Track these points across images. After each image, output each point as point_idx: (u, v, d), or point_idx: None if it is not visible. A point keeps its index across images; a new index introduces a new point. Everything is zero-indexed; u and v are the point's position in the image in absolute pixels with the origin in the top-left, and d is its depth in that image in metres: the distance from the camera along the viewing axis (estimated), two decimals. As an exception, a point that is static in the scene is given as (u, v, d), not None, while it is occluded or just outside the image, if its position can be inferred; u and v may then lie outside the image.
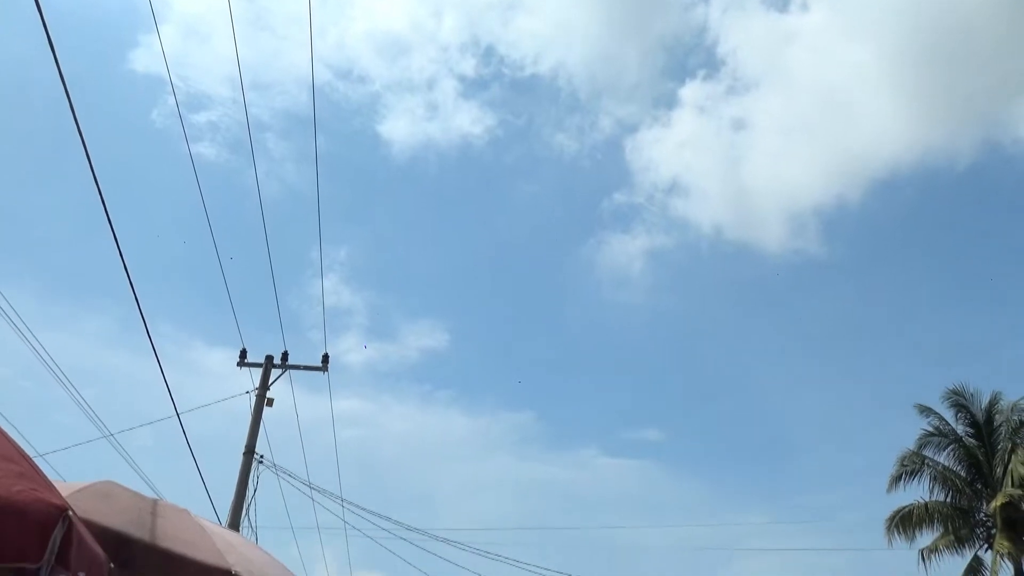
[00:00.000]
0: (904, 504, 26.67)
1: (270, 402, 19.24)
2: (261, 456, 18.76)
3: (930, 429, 26.86)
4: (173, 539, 5.10)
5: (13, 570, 3.15)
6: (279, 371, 19.58)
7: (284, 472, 21.69)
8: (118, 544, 4.64)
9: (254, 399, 19.17)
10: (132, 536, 4.85)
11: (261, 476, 18.86)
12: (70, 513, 3.18)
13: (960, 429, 26.62)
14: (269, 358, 19.55)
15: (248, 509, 18.21)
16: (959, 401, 26.53)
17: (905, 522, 26.26)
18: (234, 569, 5.04)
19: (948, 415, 26.72)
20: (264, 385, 19.18)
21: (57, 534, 3.05)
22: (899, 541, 26.42)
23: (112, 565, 4.23)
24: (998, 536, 23.92)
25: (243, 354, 19.58)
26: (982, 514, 26.05)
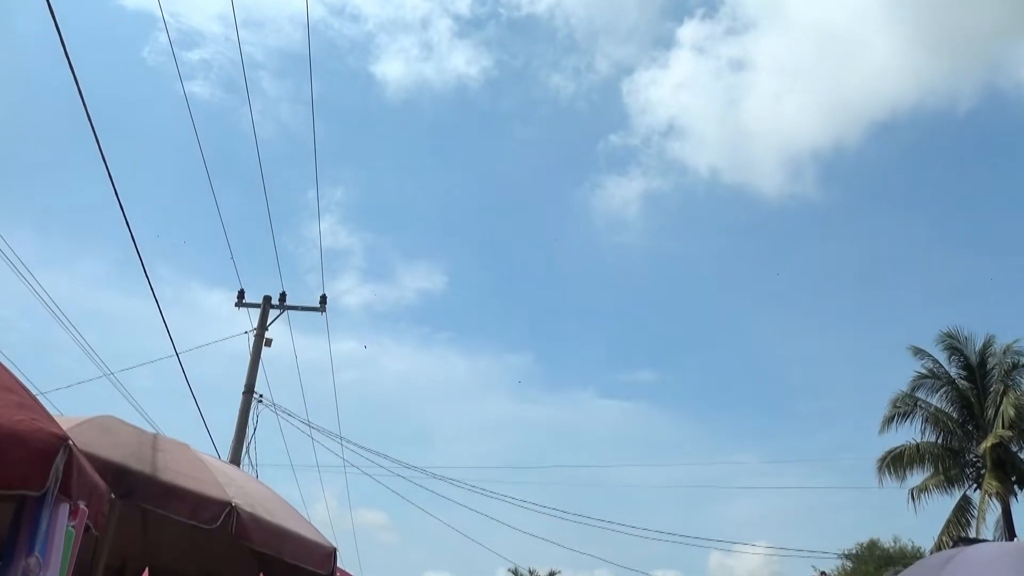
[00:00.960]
0: (896, 445, 27.05)
1: (268, 342, 19.33)
2: (260, 395, 18.92)
3: (923, 371, 27.10)
4: (174, 472, 5.13)
5: (16, 498, 3.18)
6: (277, 312, 19.64)
7: (283, 411, 21.89)
8: (118, 476, 4.67)
9: (252, 339, 19.25)
10: (132, 468, 4.88)
11: (261, 415, 19.05)
12: (70, 443, 3.20)
13: (953, 371, 26.85)
14: (267, 298, 19.58)
15: (248, 447, 18.42)
16: (953, 344, 26.71)
17: (896, 462, 26.64)
18: (234, 501, 5.08)
19: (942, 358, 26.95)
20: (262, 325, 19.24)
21: (59, 463, 3.07)
22: (890, 481, 26.86)
23: (113, 496, 4.27)
24: (987, 476, 24.30)
25: (241, 295, 19.61)
26: (972, 455, 26.42)
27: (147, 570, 7.49)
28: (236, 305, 19.68)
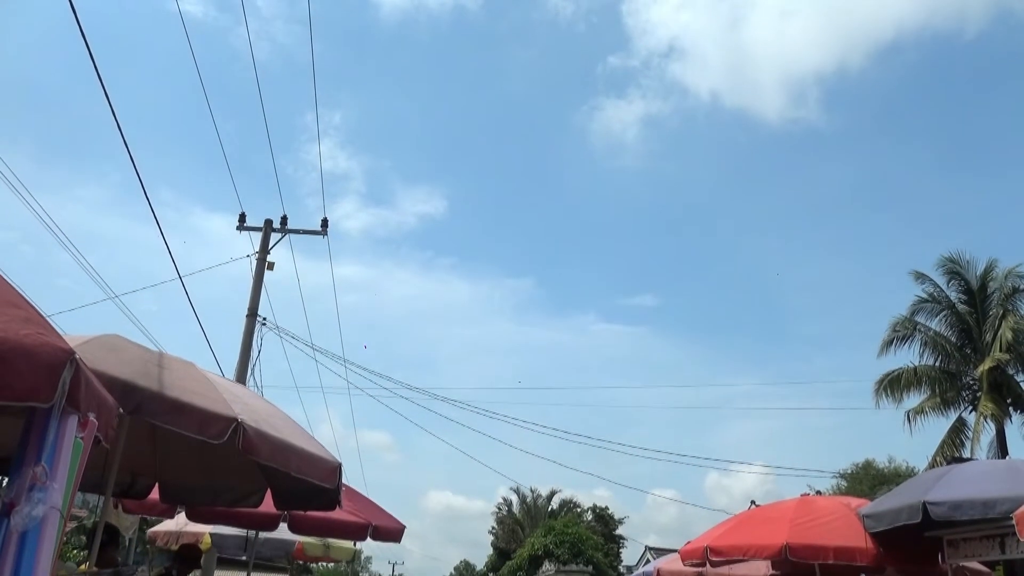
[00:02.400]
0: (894, 368, 27.33)
1: (271, 266, 19.37)
2: (264, 318, 19.06)
3: (924, 296, 27.18)
4: (180, 389, 5.20)
5: (26, 411, 3.24)
6: (279, 235, 19.63)
7: (287, 334, 22.08)
8: (126, 392, 4.73)
9: (255, 263, 19.29)
10: (139, 385, 4.94)
11: (265, 339, 19.24)
12: (77, 357, 3.24)
13: (953, 296, 26.93)
14: (268, 222, 19.55)
15: (253, 370, 18.63)
16: (954, 268, 26.72)
17: (894, 385, 26.94)
18: (240, 417, 5.17)
19: (942, 282, 27.00)
20: (264, 249, 19.25)
21: (66, 375, 3.12)
22: (887, 403, 27.22)
23: (121, 411, 4.35)
24: (983, 398, 24.60)
25: (242, 218, 19.58)
26: (969, 378, 26.70)
27: (157, 485, 7.68)
28: (238, 228, 19.67)
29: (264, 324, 19.03)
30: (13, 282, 3.76)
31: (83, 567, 6.90)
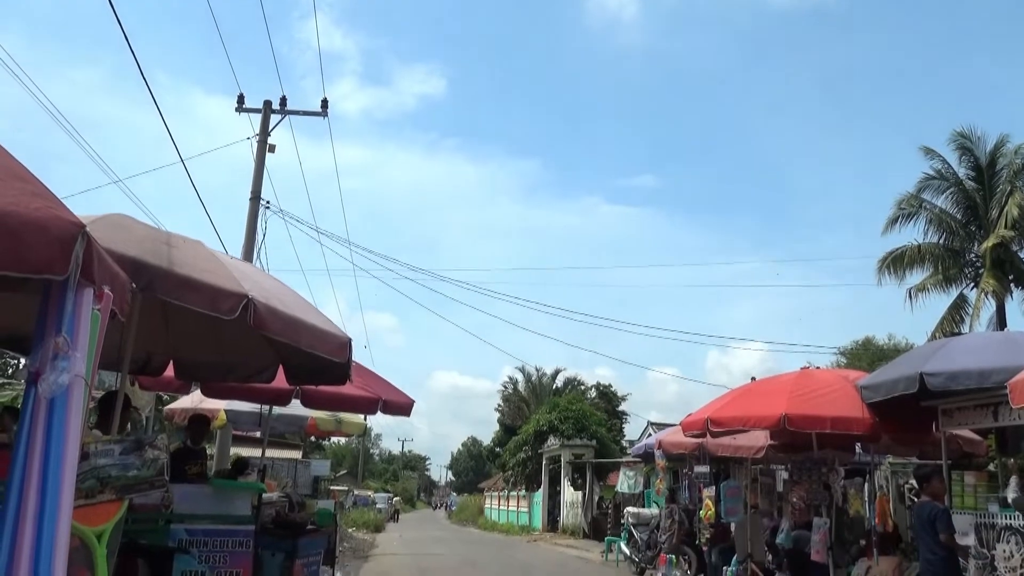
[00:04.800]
0: (898, 246, 27.37)
1: (272, 148, 19.19)
2: (267, 202, 19.01)
3: (931, 172, 26.94)
4: (190, 266, 5.25)
5: (41, 286, 3.29)
6: (278, 117, 19.37)
7: (291, 217, 22.08)
8: (136, 269, 4.77)
9: (256, 145, 19.11)
10: (149, 263, 4.99)
11: (269, 224, 19.24)
12: (88, 230, 3.26)
13: (962, 172, 26.69)
14: (267, 103, 19.26)
15: (258, 254, 18.72)
16: (964, 144, 26.37)
17: (897, 263, 27.06)
18: (250, 293, 5.23)
19: (952, 158, 26.73)
20: (264, 131, 19.03)
21: (78, 249, 3.14)
22: (889, 281, 27.40)
23: (133, 286, 4.40)
24: (985, 275, 24.74)
25: (240, 99, 19.27)
26: (972, 255, 26.77)
27: (171, 362, 7.86)
28: (236, 110, 19.39)
29: (268, 208, 19.01)
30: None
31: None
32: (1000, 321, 24.85)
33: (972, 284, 26.63)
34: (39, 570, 2.93)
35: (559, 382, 51.16)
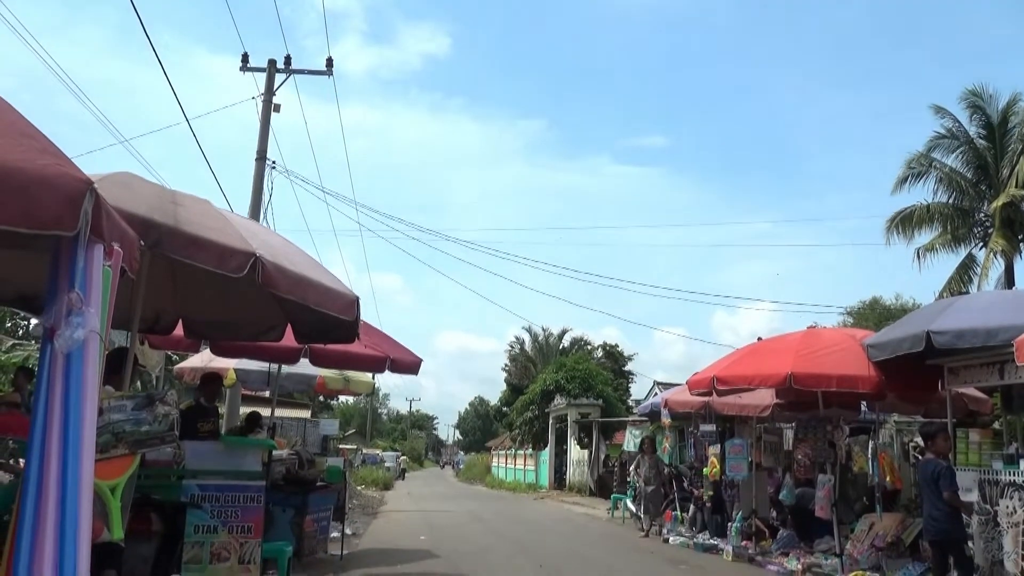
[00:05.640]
0: (907, 206, 27.20)
1: (277, 108, 19.09)
2: (273, 162, 18.96)
3: (942, 131, 26.65)
4: (197, 224, 5.26)
5: (51, 243, 3.30)
6: (283, 76, 19.23)
7: (297, 177, 22.02)
8: (144, 228, 4.78)
9: (260, 105, 19.00)
10: (157, 221, 5.00)
11: (275, 184, 19.20)
12: (96, 187, 3.27)
13: (973, 131, 26.39)
14: (272, 62, 19.12)
15: (264, 214, 18.71)
16: (975, 102, 26.04)
17: (905, 222, 26.90)
18: (258, 251, 5.25)
19: (963, 117, 26.41)
20: (269, 90, 18.91)
21: (87, 205, 3.14)
22: (898, 241, 27.26)
23: (142, 244, 4.42)
24: (994, 234, 24.59)
25: (245, 58, 19.12)
26: (982, 214, 26.59)
27: (181, 321, 7.91)
28: (241, 70, 19.24)
29: (274, 168, 18.96)
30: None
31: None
32: (1008, 281, 24.76)
33: (981, 244, 26.48)
34: (65, 524, 2.98)
35: (566, 342, 51.29)
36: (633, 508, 17.74)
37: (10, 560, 2.95)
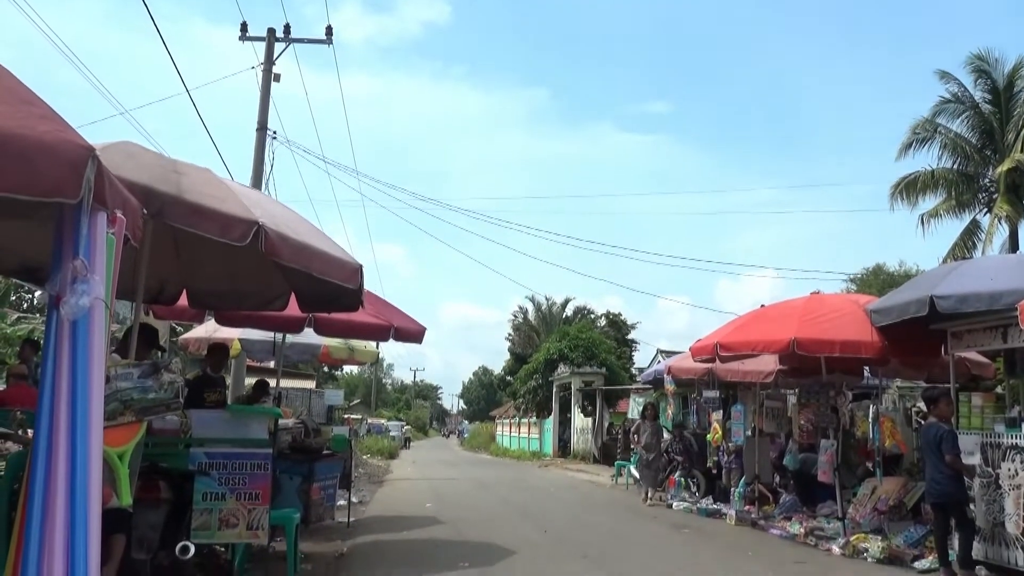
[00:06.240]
0: (911, 172, 27.07)
1: (277, 77, 19.00)
2: (274, 132, 18.89)
3: (947, 96, 26.44)
4: (200, 193, 5.25)
5: (54, 210, 3.29)
6: (283, 45, 19.11)
7: (299, 148, 21.95)
8: (146, 197, 4.77)
9: (260, 75, 18.89)
10: (159, 190, 4.99)
11: (276, 155, 19.15)
12: (97, 154, 3.25)
13: (978, 95, 26.19)
14: (271, 31, 19.01)
15: (266, 185, 18.67)
16: (981, 67, 25.81)
17: (910, 188, 26.79)
18: (261, 220, 5.24)
19: (968, 81, 26.19)
20: (269, 60, 18.80)
21: (89, 172, 3.13)
22: (902, 207, 27.17)
23: (145, 211, 4.42)
24: (999, 200, 24.49)
25: (244, 27, 18.99)
26: (987, 180, 26.47)
27: (185, 291, 7.93)
28: (240, 39, 19.11)
29: (275, 138, 18.89)
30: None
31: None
32: (1013, 246, 24.67)
33: (985, 209, 26.38)
34: (75, 489, 3.01)
35: (569, 311, 51.36)
36: (637, 475, 17.86)
37: (22, 526, 2.99)
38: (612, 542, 10.71)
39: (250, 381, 13.92)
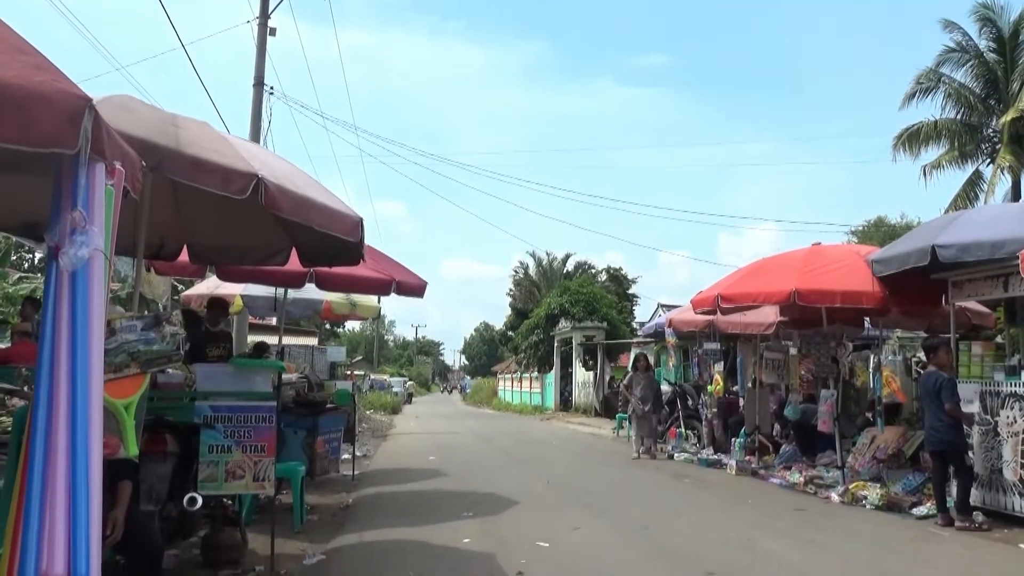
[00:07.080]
0: (914, 122, 26.86)
1: (273, 32, 18.78)
2: (271, 87, 18.72)
3: (951, 45, 26.15)
4: (198, 147, 5.20)
5: (51, 162, 3.27)
6: (278, -2, 18.83)
7: (296, 103, 21.76)
8: (144, 150, 4.72)
9: (256, 29, 18.67)
10: (158, 143, 4.94)
11: (274, 111, 18.99)
12: (94, 104, 3.22)
13: (983, 44, 25.91)
14: (266, -18, 18.71)
15: (264, 142, 18.56)
16: (986, 15, 25.50)
17: (912, 139, 26.61)
18: (260, 173, 5.20)
19: (973, 30, 25.88)
20: (264, 13, 18.56)
21: (86, 123, 3.09)
22: (904, 158, 27.01)
23: (144, 164, 4.39)
24: (1002, 150, 24.35)
25: (239, -20, 18.68)
26: (990, 130, 26.28)
27: (185, 246, 7.91)
28: (235, -8, 18.85)
29: (272, 94, 18.73)
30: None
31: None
32: (1015, 197, 24.59)
33: (988, 160, 26.24)
34: (76, 441, 3.04)
35: (570, 266, 51.37)
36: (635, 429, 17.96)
37: (24, 470, 3.03)
38: (613, 491, 10.85)
39: (253, 339, 13.99)
